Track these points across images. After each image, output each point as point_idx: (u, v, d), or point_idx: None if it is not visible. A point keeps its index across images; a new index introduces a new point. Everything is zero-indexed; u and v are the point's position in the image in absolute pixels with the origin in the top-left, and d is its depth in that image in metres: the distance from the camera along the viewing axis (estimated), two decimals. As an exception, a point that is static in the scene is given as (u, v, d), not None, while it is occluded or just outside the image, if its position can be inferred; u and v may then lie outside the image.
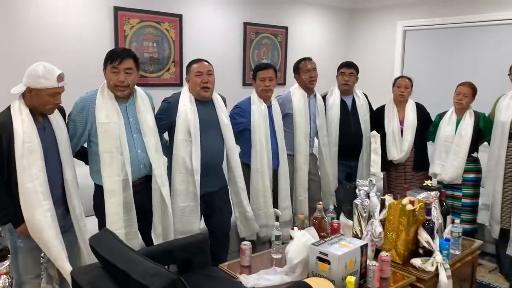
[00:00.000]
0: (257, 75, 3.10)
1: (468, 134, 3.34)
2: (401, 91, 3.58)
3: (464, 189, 3.42)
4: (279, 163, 3.17)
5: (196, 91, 2.73)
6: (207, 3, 4.26)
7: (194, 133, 2.66)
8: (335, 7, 5.43)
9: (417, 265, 2.24)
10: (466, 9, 4.59)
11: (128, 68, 2.39)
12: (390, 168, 3.71)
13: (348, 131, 3.57)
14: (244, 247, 2.25)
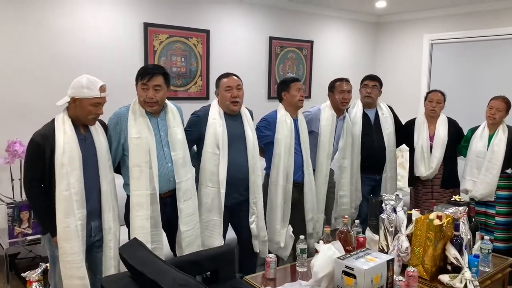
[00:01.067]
0: (291, 86, 3.10)
1: (501, 150, 3.24)
2: (433, 106, 3.50)
3: (498, 207, 3.30)
4: (304, 176, 3.16)
5: (226, 105, 2.78)
6: (233, 19, 4.36)
7: (222, 147, 2.71)
8: (360, 20, 5.45)
9: (445, 281, 2.20)
10: (493, 22, 4.54)
11: (157, 85, 2.44)
12: (418, 184, 3.64)
13: (371, 144, 3.53)
14: (269, 259, 2.26)
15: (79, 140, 2.24)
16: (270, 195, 3.05)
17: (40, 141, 2.17)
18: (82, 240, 2.23)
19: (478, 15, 4.66)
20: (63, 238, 2.18)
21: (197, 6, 4.09)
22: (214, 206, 2.73)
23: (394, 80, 5.32)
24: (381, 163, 3.60)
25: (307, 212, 3.19)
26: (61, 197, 2.16)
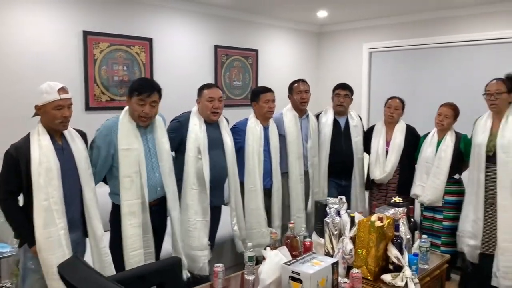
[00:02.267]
0: (260, 98, 3.24)
1: (447, 155, 3.30)
2: (391, 112, 3.59)
3: (445, 212, 3.35)
4: (272, 182, 3.29)
5: (206, 115, 2.92)
6: (177, 27, 4.32)
7: (203, 150, 2.84)
8: (303, 30, 5.58)
9: (387, 280, 2.28)
10: (428, 31, 4.81)
11: (154, 101, 2.53)
12: (374, 188, 3.73)
13: (339, 150, 3.64)
14: (217, 269, 2.24)
15: (56, 150, 2.23)
16: (250, 200, 3.17)
17: (14, 153, 2.17)
18: (68, 249, 2.22)
19: (414, 25, 4.92)
20: (44, 249, 2.15)
21: (139, 14, 4.02)
22: (200, 208, 2.84)
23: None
24: (348, 170, 3.70)
25: (273, 219, 3.31)
26: (40, 207, 2.14)
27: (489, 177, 3.03)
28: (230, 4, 4.47)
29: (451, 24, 4.65)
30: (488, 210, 3.06)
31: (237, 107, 4.81)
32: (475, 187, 3.10)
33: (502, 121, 3.00)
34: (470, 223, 3.13)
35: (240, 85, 4.93)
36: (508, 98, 3.01)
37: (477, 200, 3.08)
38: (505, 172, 2.91)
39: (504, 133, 2.95)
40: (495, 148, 2.98)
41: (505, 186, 2.92)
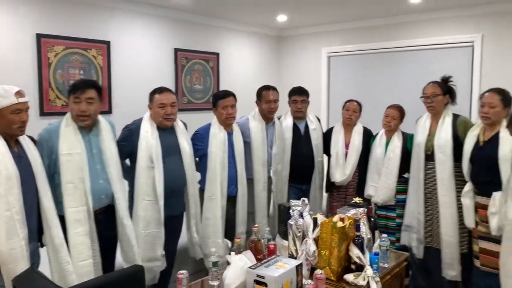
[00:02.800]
0: (218, 104, 3.12)
1: (396, 155, 3.39)
2: (349, 114, 3.62)
3: (398, 210, 3.44)
4: (237, 190, 3.19)
5: (158, 121, 2.79)
6: (136, 30, 4.24)
7: (156, 159, 2.71)
8: (263, 34, 5.63)
9: (350, 280, 2.32)
10: (383, 36, 4.97)
11: (90, 98, 2.42)
12: (333, 190, 3.75)
13: (300, 154, 3.60)
14: (180, 276, 2.20)
15: (14, 158, 2.12)
16: (208, 209, 3.05)
17: None
18: (28, 261, 2.12)
19: (371, 30, 5.07)
20: (9, 260, 2.04)
21: (96, 16, 3.91)
22: (152, 219, 2.72)
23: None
24: (309, 174, 3.68)
25: (237, 226, 3.21)
26: (2, 218, 2.02)
27: (428, 175, 3.20)
28: (190, 8, 4.44)
29: (406, 29, 4.82)
30: (428, 206, 3.23)
31: (199, 111, 4.78)
32: (416, 185, 3.26)
33: (439, 122, 3.16)
34: (414, 219, 3.29)
35: (201, 88, 4.90)
36: (443, 100, 3.17)
37: (418, 196, 3.24)
38: (443, 171, 3.08)
39: (440, 134, 3.11)
40: (433, 147, 3.14)
41: (444, 183, 3.08)
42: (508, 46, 4.24)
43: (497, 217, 2.70)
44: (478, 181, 2.91)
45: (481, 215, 2.89)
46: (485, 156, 2.83)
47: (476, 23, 4.39)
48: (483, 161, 2.84)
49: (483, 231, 2.86)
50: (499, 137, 2.78)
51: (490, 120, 2.84)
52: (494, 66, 4.32)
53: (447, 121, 3.15)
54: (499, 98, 2.81)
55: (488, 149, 2.82)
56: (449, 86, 3.23)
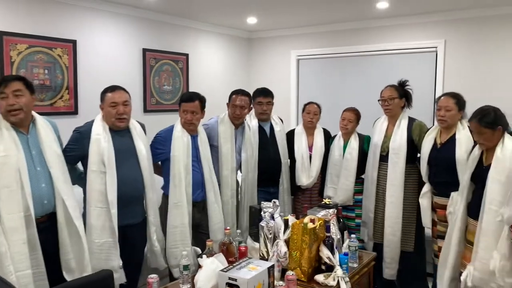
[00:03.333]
0: (181, 106, 2.99)
1: (353, 157, 3.48)
2: (310, 117, 3.67)
3: (357, 210, 3.55)
4: (205, 195, 3.04)
5: (111, 122, 2.63)
6: (103, 29, 4.15)
7: (108, 164, 2.54)
8: (233, 35, 5.62)
9: (320, 281, 2.36)
10: (351, 40, 5.06)
11: (17, 90, 2.26)
12: (298, 193, 3.78)
13: (267, 157, 3.54)
14: (151, 280, 2.17)
15: None
16: (174, 217, 2.89)
17: None
18: None
19: (339, 34, 5.16)
20: None
21: (62, 15, 3.80)
22: (105, 228, 2.54)
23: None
24: (276, 176, 3.63)
25: (212, 233, 3.03)
26: None
27: (381, 175, 3.34)
28: (159, 8, 4.39)
29: (373, 34, 4.93)
30: (378, 204, 3.36)
31: (167, 112, 4.72)
32: (369, 183, 3.40)
33: (395, 125, 3.29)
34: (366, 216, 3.45)
35: (170, 89, 4.84)
36: (400, 103, 3.30)
37: (370, 195, 3.39)
38: (395, 172, 3.22)
39: (395, 137, 3.24)
40: (388, 149, 3.27)
41: (394, 184, 3.23)
42: (469, 51, 4.41)
43: None
44: (436, 182, 3.03)
45: (439, 215, 3.01)
46: (442, 157, 2.95)
47: (440, 29, 4.55)
48: (441, 162, 2.96)
49: (442, 230, 2.98)
50: (455, 139, 2.92)
51: (447, 123, 2.96)
52: (456, 71, 4.48)
53: (403, 124, 3.27)
54: (454, 102, 2.95)
55: (445, 151, 2.95)
56: (405, 90, 3.35)
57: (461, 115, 2.97)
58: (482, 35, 4.32)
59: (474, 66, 4.38)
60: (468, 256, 2.63)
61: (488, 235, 2.43)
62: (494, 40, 4.26)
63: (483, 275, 2.44)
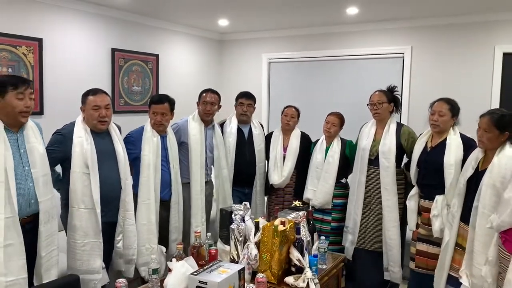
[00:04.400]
0: (151, 108, 3.08)
1: (335, 161, 3.51)
2: (287, 120, 3.74)
3: (334, 214, 3.57)
4: (171, 194, 3.13)
5: (93, 124, 2.67)
6: (70, 28, 4.04)
7: (92, 165, 2.59)
8: (205, 37, 5.60)
9: (290, 282, 2.37)
10: (321, 44, 5.14)
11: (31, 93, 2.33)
12: (272, 193, 3.84)
13: (243, 159, 3.66)
14: (119, 284, 2.13)
15: None
16: (141, 215, 2.94)
17: None
18: None
19: (310, 38, 5.22)
20: None
21: (28, 12, 3.68)
22: (90, 228, 2.57)
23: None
24: (251, 177, 3.73)
25: (171, 232, 3.14)
26: None
27: (369, 178, 3.35)
28: (129, 7, 4.32)
29: (343, 39, 5.03)
30: (365, 209, 3.37)
31: (137, 113, 4.65)
32: (357, 187, 3.40)
33: (384, 129, 3.32)
34: (351, 220, 3.45)
35: (139, 90, 4.77)
36: (388, 107, 3.35)
37: (357, 199, 3.39)
38: (387, 176, 3.24)
39: (385, 141, 3.27)
40: (378, 153, 3.29)
41: (387, 188, 3.25)
42: (434, 57, 4.56)
43: (439, 220, 2.89)
44: (423, 184, 3.08)
45: (424, 218, 3.06)
46: (431, 160, 3.00)
47: (407, 35, 4.68)
48: (430, 165, 3.01)
49: (423, 233, 3.05)
50: (446, 144, 2.96)
51: (439, 128, 3.00)
52: (422, 76, 4.62)
53: (392, 129, 3.32)
54: (448, 108, 2.98)
55: (434, 154, 2.99)
56: (394, 95, 3.41)
57: (454, 122, 3.02)
58: (446, 42, 4.48)
59: (439, 72, 4.54)
60: (458, 259, 2.68)
61: (481, 241, 2.44)
62: (457, 47, 4.43)
63: (478, 280, 2.44)
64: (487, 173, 2.52)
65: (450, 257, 2.75)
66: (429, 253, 3.01)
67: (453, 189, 2.83)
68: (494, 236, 2.33)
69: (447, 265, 2.77)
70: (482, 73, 4.32)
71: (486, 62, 4.30)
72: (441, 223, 2.89)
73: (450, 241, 2.75)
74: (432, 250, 2.99)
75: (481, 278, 2.39)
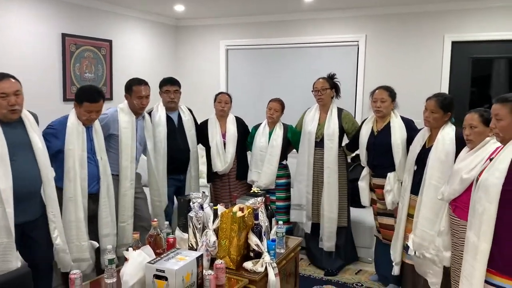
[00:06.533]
0: (83, 106, 2.83)
1: (278, 144, 3.75)
2: (222, 106, 3.82)
3: (278, 193, 3.83)
4: (100, 187, 2.96)
5: (2, 114, 2.40)
6: (17, 11, 3.83)
7: (1, 159, 2.33)
8: (160, 23, 5.47)
9: (248, 268, 2.40)
10: (279, 32, 5.15)
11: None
12: (216, 179, 3.91)
13: (176, 146, 3.61)
14: (73, 276, 2.07)
15: None
16: (69, 212, 2.78)
17: None
18: None
19: (267, 25, 5.21)
20: None
21: (-34, -8, 3.46)
22: (2, 228, 2.33)
23: (195, 82, 5.52)
24: (185, 164, 3.72)
25: (101, 228, 2.98)
26: None
27: (316, 159, 3.67)
28: (80, -10, 4.14)
29: (299, 26, 5.05)
30: (315, 188, 3.70)
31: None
32: (306, 168, 3.70)
33: (327, 113, 3.65)
34: (303, 198, 3.75)
35: (92, 77, 4.61)
36: (330, 93, 3.66)
37: (307, 178, 3.70)
38: (330, 156, 3.59)
39: (329, 124, 3.61)
40: (323, 135, 3.61)
41: (329, 167, 3.60)
42: (388, 46, 4.68)
43: (391, 194, 3.22)
44: (374, 165, 3.38)
45: (378, 194, 3.36)
46: (380, 143, 3.30)
47: (361, 24, 4.77)
48: (378, 147, 3.31)
49: (381, 208, 3.36)
50: (390, 127, 3.28)
51: (382, 113, 3.32)
52: (376, 64, 4.74)
53: (334, 113, 3.65)
54: (388, 94, 3.31)
55: (382, 137, 3.30)
56: (334, 82, 3.71)
57: (393, 106, 3.33)
58: (399, 31, 4.61)
59: (392, 60, 4.67)
60: (409, 227, 2.99)
61: (427, 207, 2.79)
62: (409, 36, 4.58)
63: (422, 241, 2.78)
64: (433, 149, 2.85)
65: (403, 227, 3.05)
66: (388, 225, 3.31)
67: (403, 166, 3.16)
68: (438, 203, 2.64)
69: (401, 235, 3.06)
70: (432, 61, 4.49)
71: (436, 50, 4.47)
72: (393, 197, 3.21)
73: (403, 212, 3.04)
74: (391, 222, 3.30)
75: (426, 240, 2.75)
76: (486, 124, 2.35)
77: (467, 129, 2.46)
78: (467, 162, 2.37)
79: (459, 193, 2.40)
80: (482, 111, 2.44)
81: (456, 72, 4.44)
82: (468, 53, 4.40)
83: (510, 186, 1.88)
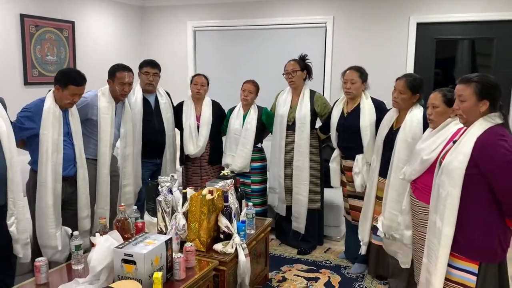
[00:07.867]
0: (67, 88, 2.73)
1: (253, 127, 3.68)
2: (197, 88, 3.72)
3: (253, 177, 3.77)
4: (76, 170, 2.89)
5: None
6: (-31, -11, 3.63)
7: None
8: (125, 3, 5.30)
9: (218, 249, 2.41)
10: (247, 13, 5.09)
11: None
12: (188, 162, 3.85)
13: (152, 129, 3.52)
14: (38, 263, 2.03)
15: None
16: (40, 196, 2.69)
17: None
18: None
19: (235, 6, 5.14)
20: None
21: None
22: None
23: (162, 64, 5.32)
24: (161, 147, 3.64)
25: (80, 210, 2.92)
26: None
27: (288, 142, 3.62)
28: (38, -32, 3.95)
29: (267, 8, 5.01)
30: (287, 169, 3.65)
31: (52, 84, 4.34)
32: (277, 151, 3.68)
33: (299, 96, 3.57)
34: (276, 182, 3.73)
35: (54, 60, 4.44)
36: (302, 75, 3.57)
37: (279, 162, 3.67)
38: (301, 139, 3.53)
39: (301, 107, 3.54)
40: (294, 119, 3.55)
41: (300, 150, 3.55)
42: (355, 27, 4.71)
43: (360, 176, 3.21)
44: (344, 147, 3.36)
45: (348, 176, 3.36)
46: (349, 124, 3.27)
47: (328, 5, 4.77)
48: (347, 129, 3.28)
49: (351, 190, 3.35)
50: (360, 108, 3.24)
51: (353, 94, 3.27)
52: (344, 45, 4.77)
53: (306, 96, 3.59)
54: (358, 75, 3.24)
55: (351, 119, 3.27)
56: (306, 63, 3.62)
57: (364, 87, 3.29)
58: (366, 13, 4.64)
59: (359, 41, 4.70)
60: (377, 210, 3.00)
61: (395, 189, 2.79)
62: (375, 17, 4.61)
63: (391, 223, 2.80)
64: (400, 130, 2.83)
65: (372, 208, 3.07)
66: (359, 207, 3.29)
67: (371, 148, 3.15)
68: (406, 186, 2.61)
69: (370, 216, 3.09)
70: (398, 42, 4.55)
71: (401, 31, 4.53)
72: (362, 179, 3.20)
73: (371, 194, 3.06)
74: (360, 204, 3.27)
75: (394, 221, 2.74)
76: (448, 104, 2.34)
77: (429, 108, 2.45)
78: (428, 143, 2.37)
79: (419, 174, 2.40)
80: (446, 91, 2.43)
81: (421, 53, 4.52)
82: (432, 34, 4.48)
83: (473, 170, 1.84)
